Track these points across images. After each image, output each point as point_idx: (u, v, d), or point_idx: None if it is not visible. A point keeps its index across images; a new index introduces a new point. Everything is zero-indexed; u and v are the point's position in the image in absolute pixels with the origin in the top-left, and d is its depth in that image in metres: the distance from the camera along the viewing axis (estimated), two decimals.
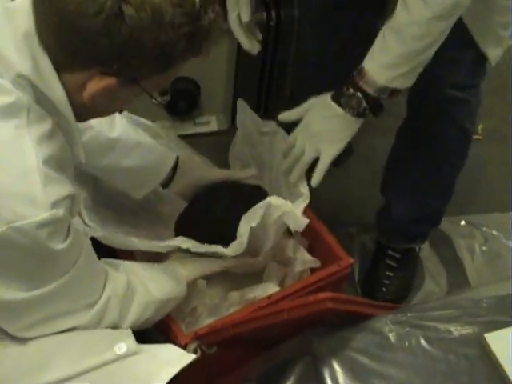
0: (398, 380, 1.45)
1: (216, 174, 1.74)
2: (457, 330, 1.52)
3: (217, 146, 2.27)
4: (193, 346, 1.43)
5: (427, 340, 1.51)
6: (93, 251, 1.29)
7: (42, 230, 1.09)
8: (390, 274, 2.03)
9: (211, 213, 1.66)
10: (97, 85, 1.13)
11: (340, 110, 1.52)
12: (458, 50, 1.64)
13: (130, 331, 1.30)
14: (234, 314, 1.54)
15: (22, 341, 1.25)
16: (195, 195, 1.72)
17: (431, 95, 1.77)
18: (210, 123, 2.35)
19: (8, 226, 1.06)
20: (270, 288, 1.62)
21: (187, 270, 1.51)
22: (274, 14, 2.18)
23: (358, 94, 1.48)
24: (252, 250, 1.56)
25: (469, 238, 2.19)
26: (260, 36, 1.74)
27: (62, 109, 1.16)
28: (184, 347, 1.42)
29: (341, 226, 2.00)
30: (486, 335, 1.49)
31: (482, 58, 1.67)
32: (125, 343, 1.24)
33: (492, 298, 1.59)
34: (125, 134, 1.58)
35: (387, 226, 2.04)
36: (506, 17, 1.59)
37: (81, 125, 1.33)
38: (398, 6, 1.40)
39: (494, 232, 2.19)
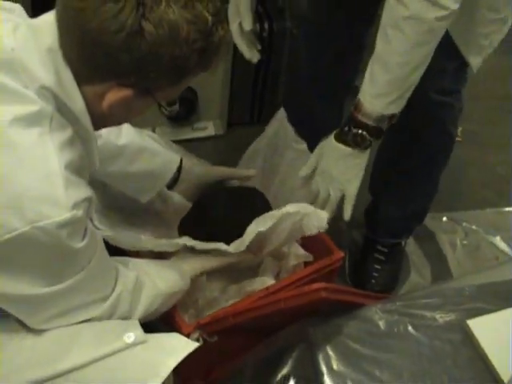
0: (388, 364, 1.45)
1: (218, 171, 1.74)
2: (441, 317, 1.53)
3: (214, 150, 2.29)
4: (195, 335, 1.44)
5: (414, 327, 1.51)
6: (105, 250, 1.29)
7: (63, 229, 1.09)
8: (378, 266, 2.03)
9: (212, 214, 1.67)
10: (114, 96, 1.14)
11: (349, 150, 1.52)
12: (445, 59, 1.65)
13: (137, 322, 1.29)
14: (234, 304, 1.54)
15: (38, 332, 1.25)
16: (197, 199, 1.72)
17: (419, 101, 1.72)
18: (208, 128, 2.35)
19: (32, 226, 1.06)
20: (266, 281, 1.63)
21: (190, 266, 1.51)
22: (266, 26, 2.21)
23: (360, 131, 1.48)
24: (255, 248, 1.57)
25: (450, 232, 2.20)
26: (259, 45, 1.74)
27: (82, 118, 1.18)
28: (187, 336, 1.40)
29: (332, 223, 2.01)
30: (468, 321, 1.50)
31: (464, 66, 1.68)
32: (133, 333, 1.24)
33: (473, 287, 1.59)
34: (131, 141, 1.59)
35: (375, 223, 2.05)
36: (487, 28, 1.60)
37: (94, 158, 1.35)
38: (378, 38, 1.41)
39: (474, 227, 2.20)
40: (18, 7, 1.20)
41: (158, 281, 1.39)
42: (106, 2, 1.05)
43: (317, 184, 1.61)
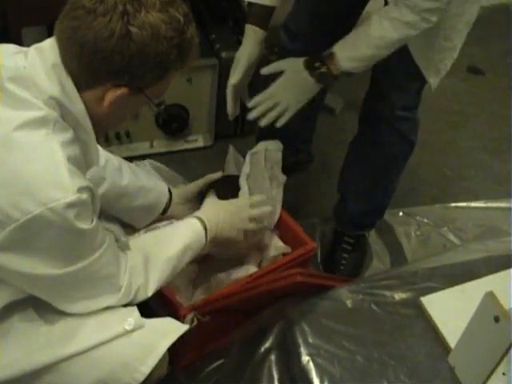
0: (354, 336, 1.46)
1: (195, 185, 1.72)
2: (398, 296, 1.54)
3: (203, 159, 2.29)
4: (190, 316, 1.43)
5: (376, 304, 1.52)
6: (114, 241, 1.28)
7: (71, 210, 1.09)
8: (346, 255, 2.02)
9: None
10: (112, 95, 1.16)
11: (311, 79, 1.54)
12: (411, 81, 1.71)
13: (135, 308, 1.28)
14: (223, 289, 1.53)
15: (51, 321, 1.25)
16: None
17: (384, 116, 1.79)
18: (198, 140, 2.33)
19: (45, 207, 1.07)
20: (250, 269, 1.62)
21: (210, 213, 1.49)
22: None
23: (327, 72, 1.52)
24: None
25: (406, 225, 2.19)
26: (246, 102, 1.69)
27: (82, 120, 1.18)
28: (183, 317, 1.42)
29: (305, 218, 2.02)
30: (421, 298, 1.51)
31: (422, 85, 1.72)
32: (132, 319, 1.24)
33: (425, 270, 1.61)
34: (131, 181, 1.58)
35: (343, 218, 2.04)
36: (443, 54, 1.63)
37: (96, 178, 1.39)
38: (374, 20, 1.46)
39: (425, 220, 2.20)
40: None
41: (164, 245, 1.38)
42: (96, 17, 1.09)
43: (274, 92, 1.58)
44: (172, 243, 1.38)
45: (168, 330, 1.28)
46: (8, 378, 1.21)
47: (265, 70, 1.61)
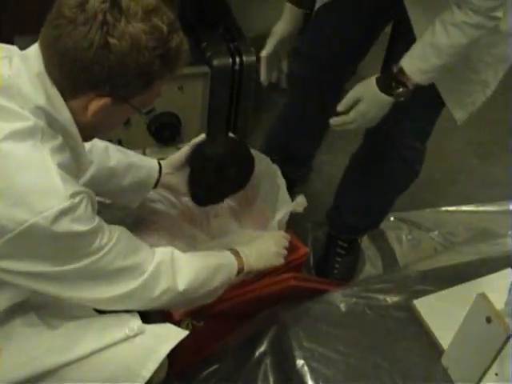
0: (348, 339, 1.46)
1: (180, 153, 1.65)
2: (391, 299, 1.54)
3: None
4: (185, 321, 1.45)
5: (369, 307, 1.52)
6: (132, 236, 1.27)
7: (66, 215, 1.09)
8: (339, 259, 2.03)
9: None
10: (96, 105, 1.14)
11: (390, 100, 1.54)
12: (427, 111, 1.72)
13: (137, 314, 1.28)
14: None
15: (54, 326, 1.26)
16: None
17: (394, 142, 1.80)
18: None
19: (40, 216, 1.06)
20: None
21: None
22: (238, 60, 2.21)
23: (402, 89, 1.51)
24: None
25: (397, 230, 2.22)
26: (276, 74, 1.78)
27: (70, 128, 1.17)
28: (178, 322, 1.43)
29: (297, 223, 2.02)
30: (414, 301, 1.52)
31: (438, 116, 1.73)
32: (134, 324, 1.25)
33: (417, 273, 1.62)
34: (119, 160, 1.56)
35: (337, 224, 2.05)
36: (469, 87, 1.63)
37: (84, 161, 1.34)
38: (439, 28, 1.44)
39: (416, 224, 2.23)
40: (14, 48, 1.23)
41: (197, 257, 1.37)
42: (76, 26, 1.08)
43: (353, 119, 1.59)
44: (205, 257, 1.38)
45: (168, 336, 1.28)
46: (10, 382, 1.22)
47: (341, 106, 1.59)
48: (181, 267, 1.30)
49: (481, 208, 2.31)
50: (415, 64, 1.49)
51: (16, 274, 1.14)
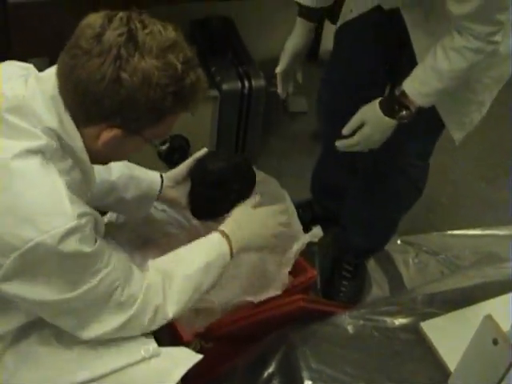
0: (355, 360, 1.47)
1: (183, 167, 1.64)
2: (398, 321, 1.55)
3: None
4: (195, 342, 1.45)
5: (376, 330, 1.54)
6: (124, 257, 1.28)
7: (72, 235, 1.09)
8: (346, 282, 2.04)
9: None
10: (107, 135, 1.15)
11: (394, 122, 1.56)
12: (428, 131, 1.74)
13: (152, 337, 1.29)
14: (226, 315, 1.53)
15: (68, 346, 1.25)
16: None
17: (397, 162, 1.82)
18: None
19: (47, 235, 1.07)
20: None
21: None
22: (246, 84, 2.25)
23: (405, 112, 1.54)
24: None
25: (404, 253, 2.22)
26: (291, 88, 1.82)
27: (81, 155, 1.18)
28: (187, 344, 1.42)
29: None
30: (421, 324, 1.53)
31: (439, 135, 1.76)
32: (149, 346, 1.26)
33: (424, 296, 1.63)
34: (121, 173, 1.55)
35: (343, 248, 2.06)
36: (467, 108, 1.67)
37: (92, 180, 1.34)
38: (440, 53, 1.46)
39: (423, 248, 2.24)
40: (31, 66, 1.23)
41: (182, 264, 1.34)
42: (91, 57, 1.08)
43: (356, 143, 1.62)
44: (192, 261, 1.35)
45: (182, 359, 1.28)
46: None
47: (346, 130, 1.62)
48: (170, 290, 1.30)
49: (487, 232, 2.32)
50: (417, 88, 1.52)
51: (17, 298, 1.14)
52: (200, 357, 1.29)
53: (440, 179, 2.53)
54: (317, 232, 1.66)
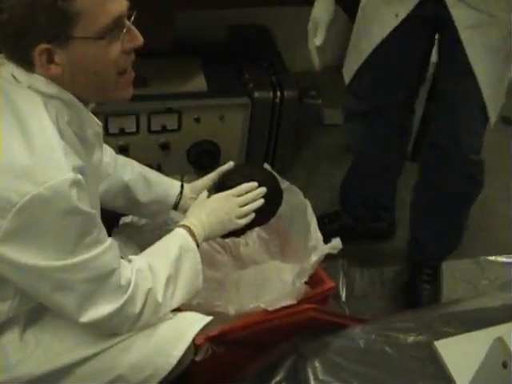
0: (365, 375, 1.45)
1: (207, 179, 1.66)
2: (412, 338, 1.53)
3: None
4: (205, 346, 1.43)
5: (389, 345, 1.52)
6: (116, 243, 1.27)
7: (71, 188, 1.09)
8: (428, 286, 2.09)
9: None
10: (44, 58, 1.12)
11: None
12: (483, 125, 1.78)
13: None
14: (238, 320, 1.53)
15: (69, 324, 1.28)
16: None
17: (455, 160, 1.84)
18: None
19: (42, 186, 1.07)
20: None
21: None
22: (279, 94, 2.27)
23: None
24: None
25: None
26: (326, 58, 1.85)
27: (51, 90, 1.16)
28: (198, 346, 1.41)
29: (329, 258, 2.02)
30: (435, 342, 1.51)
31: (485, 125, 1.79)
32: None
33: (439, 314, 1.63)
34: (136, 174, 1.57)
35: (420, 256, 2.11)
36: (505, 87, 1.73)
37: (101, 173, 1.41)
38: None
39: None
40: None
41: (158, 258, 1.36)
42: None
43: None
44: (164, 258, 1.36)
45: (195, 320, 1.37)
46: (50, 371, 1.28)
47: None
48: (156, 277, 1.32)
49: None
50: None
51: (14, 264, 1.13)
52: (210, 318, 1.37)
53: None
54: (336, 244, 1.64)
